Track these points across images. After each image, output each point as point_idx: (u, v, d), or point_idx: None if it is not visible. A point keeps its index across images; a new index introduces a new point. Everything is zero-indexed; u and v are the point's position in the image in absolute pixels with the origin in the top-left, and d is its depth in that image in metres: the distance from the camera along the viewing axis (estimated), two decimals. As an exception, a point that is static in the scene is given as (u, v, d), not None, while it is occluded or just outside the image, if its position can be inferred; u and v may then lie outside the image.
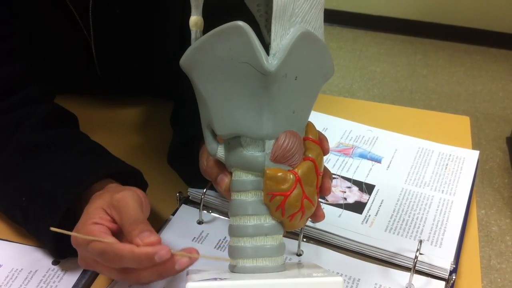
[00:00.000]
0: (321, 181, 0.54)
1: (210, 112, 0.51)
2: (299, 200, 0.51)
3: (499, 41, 3.18)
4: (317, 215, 0.56)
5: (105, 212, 0.55)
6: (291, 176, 0.50)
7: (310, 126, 0.54)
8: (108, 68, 0.86)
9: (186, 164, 0.71)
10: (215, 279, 0.48)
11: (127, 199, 0.55)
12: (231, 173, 0.54)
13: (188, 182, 0.73)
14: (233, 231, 0.52)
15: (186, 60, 0.51)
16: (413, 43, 3.22)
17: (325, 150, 0.55)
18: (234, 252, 0.52)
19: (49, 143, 0.66)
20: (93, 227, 0.53)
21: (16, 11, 0.73)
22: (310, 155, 0.52)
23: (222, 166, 0.55)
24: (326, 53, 0.52)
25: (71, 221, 0.58)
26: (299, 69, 0.49)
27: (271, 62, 0.47)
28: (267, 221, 0.51)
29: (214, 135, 0.53)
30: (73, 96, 0.88)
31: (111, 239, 0.52)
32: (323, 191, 0.55)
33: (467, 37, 3.21)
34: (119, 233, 0.55)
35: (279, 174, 0.50)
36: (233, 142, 0.52)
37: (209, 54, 0.49)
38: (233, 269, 0.52)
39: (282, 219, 0.51)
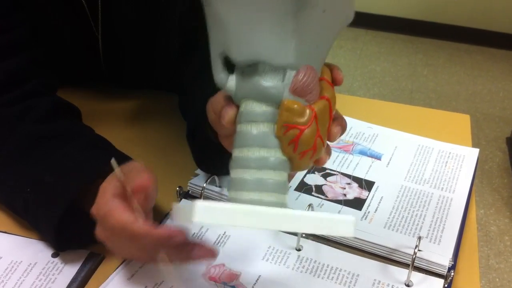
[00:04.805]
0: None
1: (228, 35, 0.47)
2: (313, 137, 0.48)
3: (499, 41, 3.18)
4: (321, 159, 0.53)
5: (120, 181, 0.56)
6: (309, 110, 0.48)
7: (325, 68, 0.52)
8: (112, 62, 0.86)
9: (197, 143, 0.71)
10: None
11: (136, 165, 0.58)
12: (237, 107, 0.51)
13: (197, 162, 0.73)
14: (237, 163, 0.49)
15: None
16: (414, 42, 3.22)
17: (338, 80, 0.52)
18: (236, 185, 0.49)
19: (51, 135, 0.66)
20: (113, 202, 0.54)
21: (22, 3, 0.73)
22: (326, 95, 0.50)
23: (229, 101, 0.53)
24: None
25: (74, 214, 0.58)
26: (328, 3, 0.47)
27: None
28: (276, 155, 0.49)
29: (225, 64, 0.50)
30: (74, 88, 0.88)
31: (129, 215, 0.52)
32: (330, 135, 0.52)
33: (468, 37, 3.21)
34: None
35: (298, 104, 0.48)
36: (249, 70, 0.49)
37: None
38: (233, 201, 0.49)
39: (292, 156, 0.49)
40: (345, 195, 0.73)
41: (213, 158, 0.65)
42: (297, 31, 0.46)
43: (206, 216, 0.43)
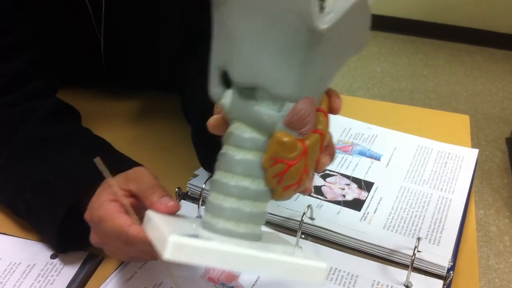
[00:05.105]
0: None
1: (233, 53, 0.45)
2: (299, 173, 0.48)
3: (499, 41, 3.18)
4: (306, 189, 0.52)
5: (120, 188, 0.55)
6: (300, 145, 0.47)
7: (323, 95, 0.51)
8: (113, 62, 0.86)
9: (202, 143, 0.71)
10: (197, 236, 0.45)
11: (142, 171, 0.56)
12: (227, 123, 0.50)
13: (201, 162, 0.73)
14: (218, 187, 0.48)
15: None
16: (414, 42, 3.22)
17: (335, 110, 0.51)
18: (213, 210, 0.48)
19: (54, 137, 0.66)
20: (108, 205, 0.53)
21: (23, 3, 0.73)
22: (319, 127, 0.48)
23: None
24: (368, 24, 0.47)
25: (75, 215, 0.58)
26: (342, 36, 0.45)
27: (323, 20, 0.42)
28: (259, 186, 0.47)
29: (222, 78, 0.48)
30: (75, 88, 0.88)
31: (125, 219, 0.52)
32: (318, 166, 0.51)
33: (468, 37, 3.21)
34: (133, 207, 0.54)
35: (289, 140, 0.46)
36: (246, 92, 0.47)
37: None
38: (207, 226, 0.48)
39: (276, 188, 0.48)
40: (344, 196, 0.73)
41: (217, 159, 0.65)
42: (305, 64, 0.44)
43: (178, 254, 0.42)
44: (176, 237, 0.42)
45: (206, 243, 0.43)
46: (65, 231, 0.59)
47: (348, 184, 0.75)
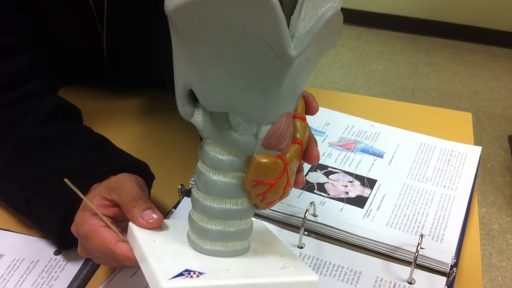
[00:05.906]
0: (308, 150, 0.51)
1: (199, 77, 0.42)
2: (282, 187, 0.48)
3: (501, 39, 3.18)
4: (298, 182, 0.52)
5: (103, 198, 0.55)
6: (280, 163, 0.46)
7: (299, 99, 0.49)
8: (116, 61, 0.86)
9: None
10: (189, 272, 0.45)
11: (124, 179, 0.56)
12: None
13: None
14: (201, 209, 0.48)
15: (179, 9, 0.40)
16: (416, 41, 3.22)
17: (314, 109, 0.50)
18: (199, 232, 0.48)
19: (53, 137, 0.66)
20: (92, 220, 0.54)
21: (25, 1, 0.73)
22: (298, 136, 0.48)
23: None
24: (340, 27, 0.44)
25: (74, 215, 0.58)
26: (314, 51, 0.42)
27: (294, 46, 0.39)
28: (243, 205, 0.48)
29: (190, 95, 0.45)
30: (77, 87, 0.88)
31: (110, 235, 0.52)
32: (311, 160, 0.51)
33: (470, 36, 3.20)
34: (119, 216, 0.55)
35: (269, 162, 0.45)
36: (218, 115, 0.45)
37: (215, 15, 0.39)
38: (195, 247, 0.49)
39: (260, 204, 0.48)
40: (347, 193, 0.73)
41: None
42: (278, 87, 0.42)
43: None
44: (168, 283, 0.43)
45: (198, 282, 0.44)
46: (66, 230, 0.59)
47: (351, 181, 0.75)
